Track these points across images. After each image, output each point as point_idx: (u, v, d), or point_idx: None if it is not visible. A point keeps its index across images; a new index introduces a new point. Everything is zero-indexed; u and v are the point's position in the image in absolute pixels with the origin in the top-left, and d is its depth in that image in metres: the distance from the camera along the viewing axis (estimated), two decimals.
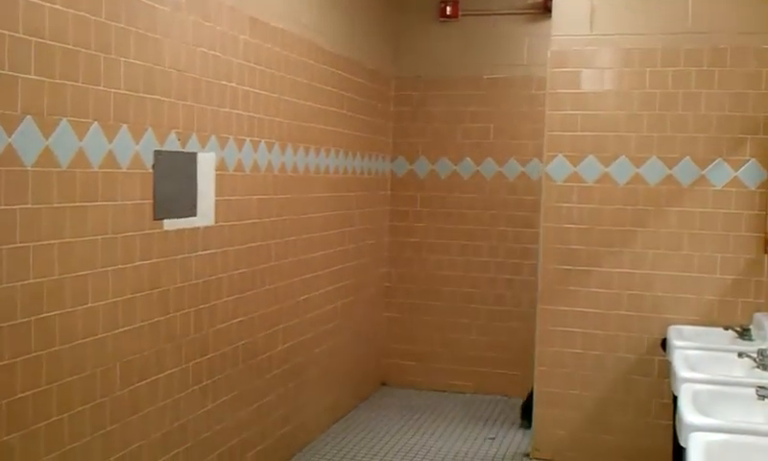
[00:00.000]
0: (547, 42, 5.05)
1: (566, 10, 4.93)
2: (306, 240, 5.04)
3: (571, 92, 4.90)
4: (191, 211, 3.77)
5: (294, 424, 4.98)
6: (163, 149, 3.52)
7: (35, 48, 2.79)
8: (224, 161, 4.03)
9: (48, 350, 2.91)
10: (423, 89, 6.55)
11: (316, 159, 5.13)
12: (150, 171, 3.43)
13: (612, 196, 4.85)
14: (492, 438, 5.48)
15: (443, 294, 6.56)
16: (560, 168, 4.93)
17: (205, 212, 3.89)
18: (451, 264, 6.54)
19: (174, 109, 3.59)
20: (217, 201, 3.98)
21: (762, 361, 3.54)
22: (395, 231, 6.66)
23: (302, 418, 5.10)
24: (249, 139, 4.27)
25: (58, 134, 2.90)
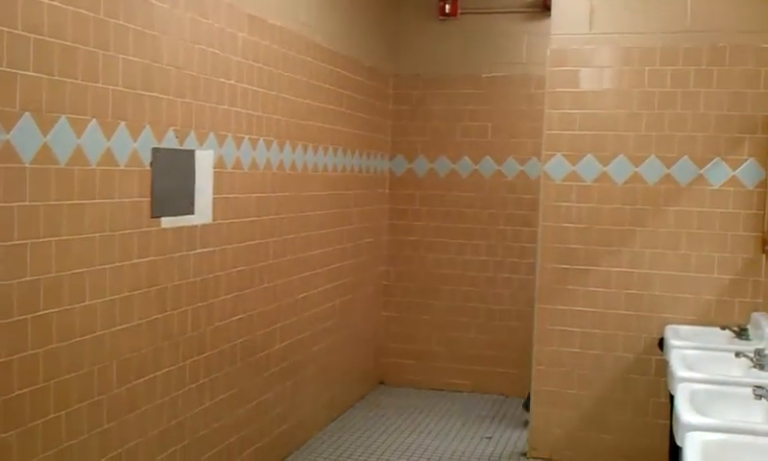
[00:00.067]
0: (546, 41, 5.05)
1: (566, 8, 4.93)
2: (304, 238, 5.03)
3: (570, 91, 4.90)
4: (189, 209, 3.77)
5: (291, 422, 4.98)
6: (161, 146, 3.51)
7: (33, 45, 2.78)
8: (222, 159, 4.03)
9: (45, 347, 2.91)
10: (422, 88, 6.55)
11: (314, 157, 5.13)
12: (148, 168, 3.43)
13: (611, 195, 4.85)
14: (489, 437, 5.48)
15: (441, 293, 6.56)
16: (558, 167, 4.93)
17: (203, 210, 3.89)
18: (450, 263, 6.53)
19: (172, 107, 3.58)
20: (215, 198, 3.98)
21: (759, 361, 3.55)
22: (393, 230, 6.65)
23: (300, 416, 5.10)
24: (247, 137, 4.27)
25: (56, 131, 2.90)
